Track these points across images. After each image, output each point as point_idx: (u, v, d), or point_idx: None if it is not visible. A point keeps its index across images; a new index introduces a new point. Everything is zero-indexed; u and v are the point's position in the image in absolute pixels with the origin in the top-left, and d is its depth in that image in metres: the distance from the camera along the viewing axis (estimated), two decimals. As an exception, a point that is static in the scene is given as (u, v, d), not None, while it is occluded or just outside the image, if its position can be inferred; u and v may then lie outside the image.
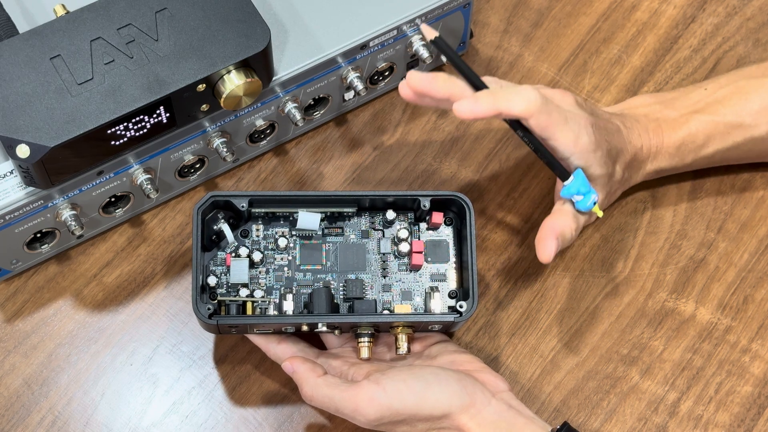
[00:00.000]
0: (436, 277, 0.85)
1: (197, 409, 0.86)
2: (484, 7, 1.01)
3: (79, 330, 0.88)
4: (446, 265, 0.85)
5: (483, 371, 0.82)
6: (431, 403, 0.77)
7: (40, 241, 0.87)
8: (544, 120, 0.80)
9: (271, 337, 0.83)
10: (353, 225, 0.86)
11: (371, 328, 0.81)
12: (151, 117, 0.81)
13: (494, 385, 0.81)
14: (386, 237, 0.85)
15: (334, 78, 0.90)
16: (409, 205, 0.85)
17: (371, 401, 0.77)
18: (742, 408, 0.86)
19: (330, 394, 0.78)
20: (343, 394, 0.78)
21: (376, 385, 0.77)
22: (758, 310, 0.89)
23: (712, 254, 0.91)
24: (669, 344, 0.88)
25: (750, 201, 0.93)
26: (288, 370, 0.81)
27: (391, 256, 0.85)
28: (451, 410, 0.77)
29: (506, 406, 0.79)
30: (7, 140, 0.78)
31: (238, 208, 0.83)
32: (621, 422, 0.86)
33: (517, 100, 0.79)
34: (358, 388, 0.78)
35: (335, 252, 0.85)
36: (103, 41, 0.81)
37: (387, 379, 0.78)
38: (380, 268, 0.85)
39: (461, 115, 0.79)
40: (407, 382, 0.78)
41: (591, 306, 0.90)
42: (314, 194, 0.84)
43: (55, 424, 0.85)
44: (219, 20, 0.82)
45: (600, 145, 0.82)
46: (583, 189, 0.82)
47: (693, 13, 1.01)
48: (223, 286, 0.83)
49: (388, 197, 0.84)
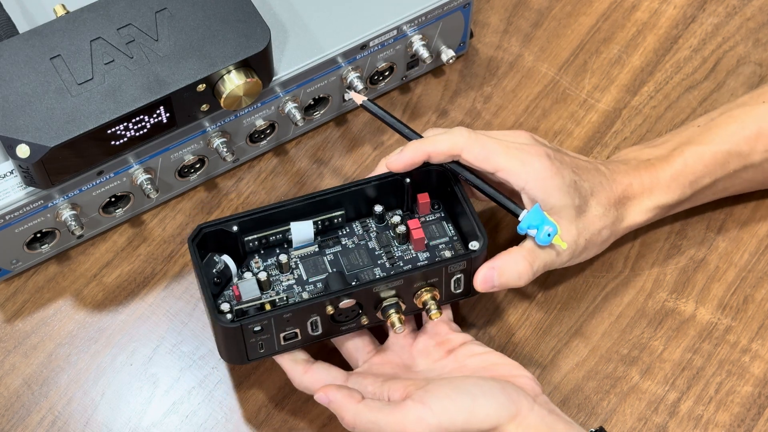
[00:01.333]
0: (442, 250, 0.84)
1: (197, 409, 0.86)
2: (484, 7, 1.01)
3: (79, 330, 0.88)
4: (447, 239, 0.84)
5: (519, 375, 0.80)
6: (481, 417, 0.75)
7: (40, 241, 0.87)
8: (477, 151, 0.80)
9: (298, 366, 0.81)
10: (347, 234, 0.85)
11: (395, 298, 0.80)
12: (151, 117, 0.81)
13: (532, 388, 0.79)
14: (381, 233, 0.85)
15: (334, 78, 0.90)
16: (395, 195, 0.85)
17: (419, 422, 0.75)
18: (742, 408, 0.86)
19: (374, 419, 0.76)
20: (389, 418, 0.76)
21: (422, 405, 0.75)
22: (758, 310, 0.89)
23: (712, 254, 0.91)
24: (669, 344, 0.88)
25: (750, 201, 0.93)
26: (323, 401, 0.78)
27: (393, 245, 0.84)
28: (500, 422, 0.76)
29: (547, 411, 0.77)
30: (7, 140, 0.78)
31: (230, 232, 0.81)
32: (621, 422, 0.86)
33: (443, 138, 0.80)
34: (403, 409, 0.75)
35: (338, 260, 0.84)
36: (103, 41, 0.81)
37: (431, 397, 0.76)
38: (386, 260, 0.84)
39: (392, 167, 0.81)
40: (453, 399, 0.76)
41: (591, 306, 0.90)
42: (298, 199, 0.82)
43: (55, 424, 0.85)
44: (219, 20, 0.82)
45: (559, 173, 0.80)
46: (535, 222, 0.79)
47: (693, 13, 1.01)
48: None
49: (368, 184, 0.83)
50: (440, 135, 0.81)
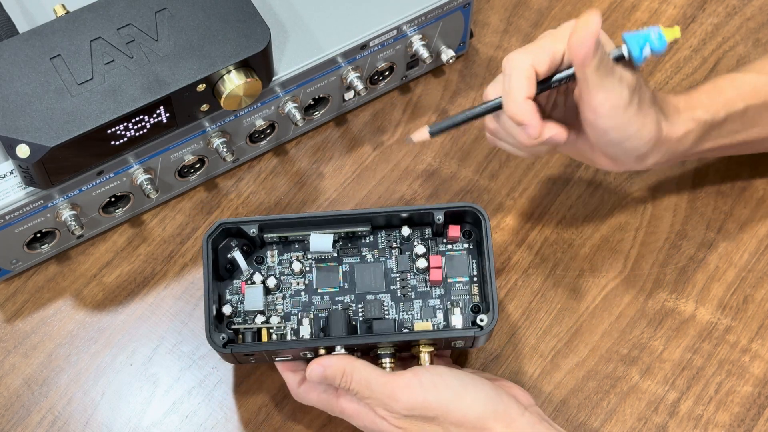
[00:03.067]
0: (458, 291, 0.83)
1: (197, 409, 0.86)
2: (484, 7, 1.01)
3: (79, 330, 0.88)
4: (466, 279, 0.83)
5: (513, 387, 0.81)
6: (467, 402, 0.76)
7: (40, 241, 0.87)
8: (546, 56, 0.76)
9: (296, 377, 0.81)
10: (369, 244, 0.84)
11: (392, 347, 0.80)
12: (151, 117, 0.81)
13: (525, 399, 0.80)
14: (403, 254, 0.84)
15: (334, 78, 0.90)
16: (425, 220, 0.84)
17: (407, 389, 0.76)
18: (742, 408, 0.86)
19: (368, 377, 0.77)
20: (380, 379, 0.77)
21: (414, 375, 0.77)
22: (758, 310, 0.89)
23: (712, 254, 0.91)
24: (669, 344, 0.88)
25: (750, 201, 0.93)
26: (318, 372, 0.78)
27: (410, 273, 0.83)
28: (486, 415, 0.76)
29: (539, 419, 0.78)
30: (7, 140, 0.78)
31: (249, 235, 0.82)
32: (621, 422, 0.86)
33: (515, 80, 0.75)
34: (396, 375, 0.77)
35: (352, 273, 0.83)
36: (103, 41, 0.81)
37: (425, 371, 0.77)
38: (399, 287, 0.83)
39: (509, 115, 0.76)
40: (445, 378, 0.77)
41: (591, 306, 0.90)
42: (325, 215, 0.82)
43: (55, 424, 0.85)
44: (219, 20, 0.82)
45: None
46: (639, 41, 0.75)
47: (693, 13, 1.01)
48: (239, 315, 0.82)
49: (402, 213, 0.82)
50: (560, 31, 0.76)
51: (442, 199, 0.93)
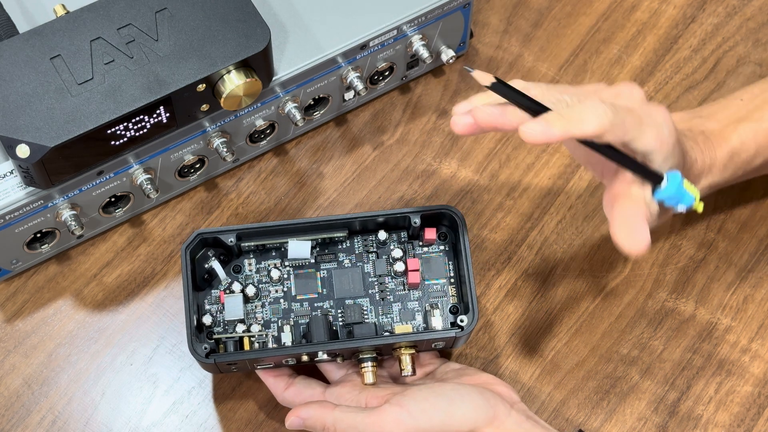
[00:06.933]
0: (435, 293, 0.84)
1: (197, 409, 0.86)
2: (484, 7, 1.01)
3: (79, 330, 0.88)
4: (444, 281, 0.84)
5: (496, 383, 0.81)
6: (458, 419, 0.76)
7: (40, 241, 0.87)
8: (619, 131, 0.71)
9: (280, 382, 0.82)
10: (346, 249, 0.85)
11: (373, 351, 0.80)
12: (151, 117, 0.81)
13: (509, 396, 0.80)
14: (381, 258, 0.84)
15: (334, 78, 0.90)
16: (401, 224, 0.84)
17: (398, 424, 0.76)
18: (742, 408, 0.86)
19: (353, 422, 0.76)
20: (367, 420, 0.76)
21: (400, 407, 0.76)
22: (758, 310, 0.89)
23: (712, 254, 0.91)
24: (669, 344, 0.88)
25: (750, 201, 0.93)
26: (297, 424, 0.79)
27: (387, 277, 0.84)
28: (477, 424, 0.77)
29: (525, 417, 0.78)
30: (7, 140, 0.78)
31: (227, 244, 0.82)
32: (621, 422, 0.86)
33: (589, 118, 0.70)
34: (382, 412, 0.76)
35: (330, 279, 0.84)
36: (103, 41, 0.81)
37: (409, 400, 0.77)
38: (378, 291, 0.84)
39: (531, 139, 0.69)
40: (431, 401, 0.77)
41: (591, 306, 0.90)
42: (302, 222, 0.83)
43: (55, 424, 0.85)
44: (219, 20, 0.82)
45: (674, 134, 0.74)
46: (674, 193, 0.73)
47: (693, 13, 1.01)
48: (219, 324, 0.82)
49: (378, 217, 0.83)
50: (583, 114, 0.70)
51: (443, 200, 0.93)
